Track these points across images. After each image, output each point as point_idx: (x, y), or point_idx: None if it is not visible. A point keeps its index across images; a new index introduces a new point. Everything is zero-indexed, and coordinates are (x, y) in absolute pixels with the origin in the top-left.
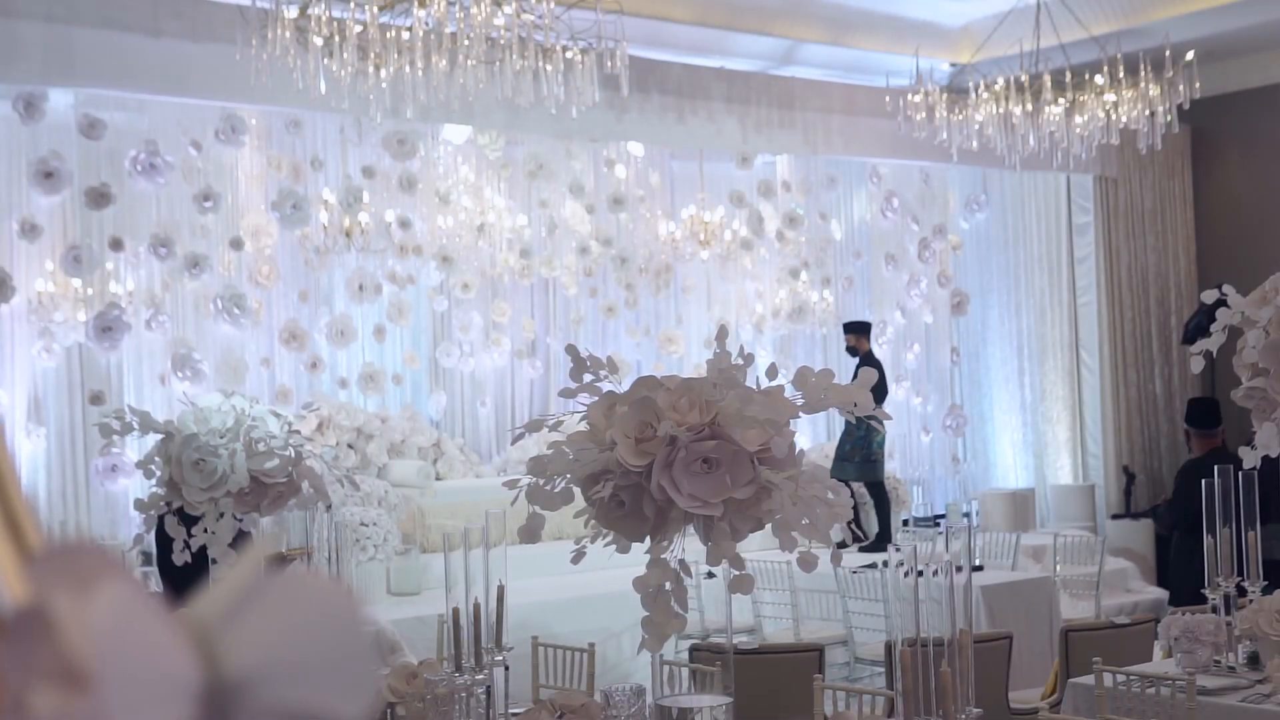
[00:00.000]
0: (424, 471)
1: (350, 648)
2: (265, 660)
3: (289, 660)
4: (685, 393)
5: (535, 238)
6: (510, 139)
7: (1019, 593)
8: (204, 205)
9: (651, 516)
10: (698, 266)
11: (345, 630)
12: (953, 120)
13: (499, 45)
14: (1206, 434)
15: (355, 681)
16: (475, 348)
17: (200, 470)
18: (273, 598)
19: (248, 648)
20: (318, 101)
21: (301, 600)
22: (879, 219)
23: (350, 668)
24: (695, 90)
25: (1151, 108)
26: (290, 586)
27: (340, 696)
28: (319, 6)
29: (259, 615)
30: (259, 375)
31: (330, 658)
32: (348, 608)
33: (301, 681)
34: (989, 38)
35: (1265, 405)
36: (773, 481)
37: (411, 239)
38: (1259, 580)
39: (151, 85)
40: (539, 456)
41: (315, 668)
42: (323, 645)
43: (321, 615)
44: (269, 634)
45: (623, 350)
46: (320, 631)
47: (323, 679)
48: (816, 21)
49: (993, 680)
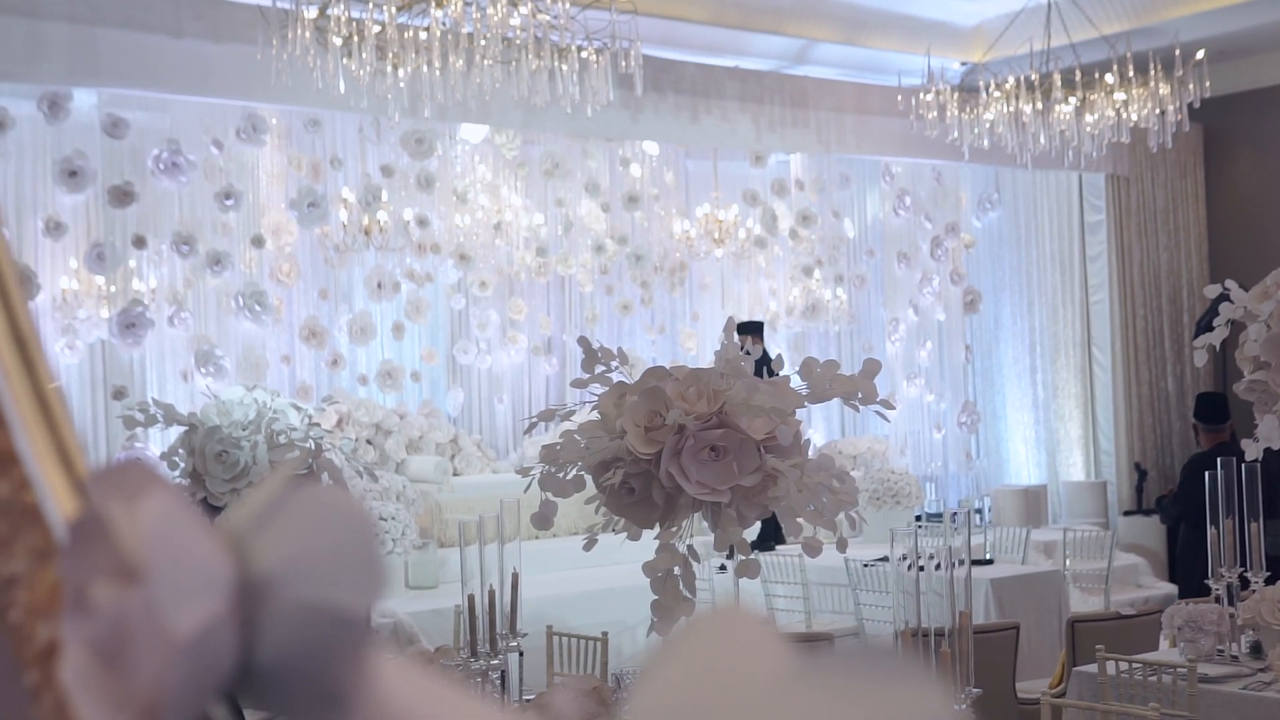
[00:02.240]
0: (441, 467)
1: (361, 551)
2: (288, 560)
3: (309, 560)
4: (693, 382)
5: (551, 236)
6: (527, 138)
7: (1028, 586)
8: (225, 203)
9: (661, 503)
10: (712, 264)
11: (356, 536)
12: (964, 119)
13: (515, 45)
14: (1214, 429)
15: (365, 579)
16: (492, 345)
17: (223, 462)
18: (294, 508)
19: (273, 550)
20: (337, 101)
21: (319, 510)
22: (892, 217)
23: (361, 567)
24: (709, 89)
25: (1162, 107)
26: (309, 499)
27: (352, 591)
28: (338, 7)
29: (283, 522)
30: (279, 371)
31: (344, 559)
32: (359, 517)
33: (319, 578)
34: (1000, 37)
35: (1266, 398)
36: (778, 469)
37: (429, 237)
38: (1261, 571)
39: (174, 85)
40: (551, 445)
41: (331, 567)
42: (337, 548)
43: (336, 523)
44: (291, 538)
45: (638, 347)
46: (335, 537)
47: (338, 576)
48: (830, 21)
49: (1000, 669)
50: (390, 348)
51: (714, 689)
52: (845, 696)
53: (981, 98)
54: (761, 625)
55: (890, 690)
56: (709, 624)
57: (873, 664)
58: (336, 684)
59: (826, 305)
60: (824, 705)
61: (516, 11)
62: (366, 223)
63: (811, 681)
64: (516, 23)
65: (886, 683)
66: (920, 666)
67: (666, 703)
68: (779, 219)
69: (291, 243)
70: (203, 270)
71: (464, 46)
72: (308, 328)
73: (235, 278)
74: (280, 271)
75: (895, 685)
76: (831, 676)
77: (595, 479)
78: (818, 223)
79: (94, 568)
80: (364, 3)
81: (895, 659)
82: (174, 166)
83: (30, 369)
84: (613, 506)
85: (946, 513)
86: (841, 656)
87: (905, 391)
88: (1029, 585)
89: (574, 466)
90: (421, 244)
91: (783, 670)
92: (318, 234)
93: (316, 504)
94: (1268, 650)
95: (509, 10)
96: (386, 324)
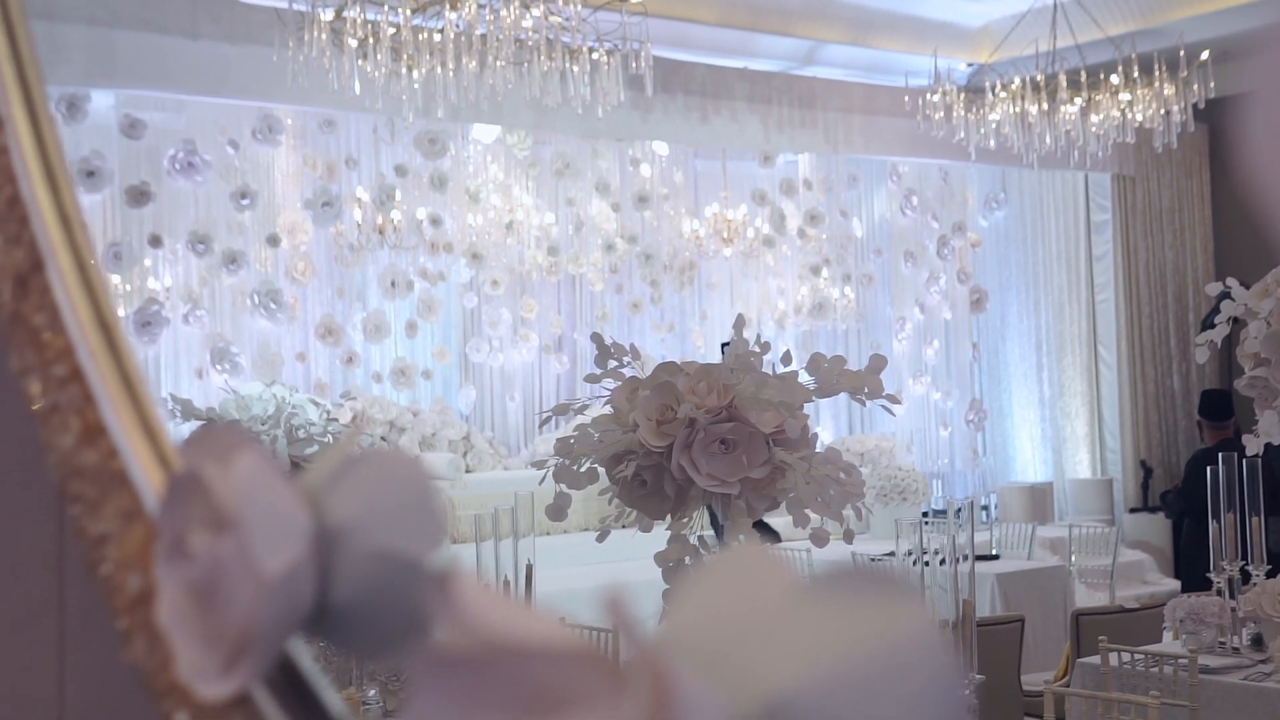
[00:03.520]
0: (454, 464)
1: (422, 504)
2: (359, 512)
3: (377, 513)
4: (704, 377)
5: (562, 235)
6: (538, 138)
7: (1034, 581)
8: (241, 203)
9: (672, 495)
10: (721, 263)
11: (418, 491)
12: (970, 119)
13: (527, 47)
14: (1218, 425)
15: (429, 530)
16: (504, 343)
17: None
18: (363, 466)
19: (346, 503)
20: (352, 102)
21: (385, 469)
22: (899, 217)
23: (423, 519)
24: (718, 90)
25: (1167, 107)
26: (377, 458)
27: (417, 540)
28: (354, 9)
29: (353, 480)
30: (294, 369)
31: (408, 511)
32: (420, 475)
33: (387, 529)
34: (1006, 38)
35: (1267, 394)
36: (787, 461)
37: (442, 236)
38: (1263, 564)
39: (190, 86)
40: (565, 438)
41: (397, 519)
42: (403, 502)
43: (400, 480)
44: (361, 494)
45: (647, 345)
46: (400, 492)
47: (403, 527)
48: (837, 22)
49: (1005, 661)
50: (403, 346)
51: (731, 611)
52: (843, 612)
53: (988, 98)
54: (769, 557)
55: (881, 605)
56: (725, 560)
57: (868, 584)
58: (401, 622)
59: (834, 304)
60: (824, 619)
61: (529, 14)
62: (380, 222)
63: (814, 600)
64: (529, 25)
65: (878, 599)
66: (910, 586)
67: (691, 623)
68: (787, 218)
69: (306, 242)
70: (218, 269)
71: (477, 48)
72: (323, 326)
73: (250, 276)
74: (295, 270)
75: (886, 601)
76: (831, 597)
77: (608, 471)
78: (825, 222)
79: (191, 519)
80: (379, 5)
81: (889, 579)
82: (190, 166)
83: (114, 351)
84: (625, 498)
85: (951, 506)
86: (841, 578)
87: (912, 389)
88: (1034, 580)
89: (587, 459)
90: (434, 243)
91: (789, 593)
92: (332, 233)
93: (383, 464)
94: (1268, 642)
95: (521, 12)
96: (400, 322)
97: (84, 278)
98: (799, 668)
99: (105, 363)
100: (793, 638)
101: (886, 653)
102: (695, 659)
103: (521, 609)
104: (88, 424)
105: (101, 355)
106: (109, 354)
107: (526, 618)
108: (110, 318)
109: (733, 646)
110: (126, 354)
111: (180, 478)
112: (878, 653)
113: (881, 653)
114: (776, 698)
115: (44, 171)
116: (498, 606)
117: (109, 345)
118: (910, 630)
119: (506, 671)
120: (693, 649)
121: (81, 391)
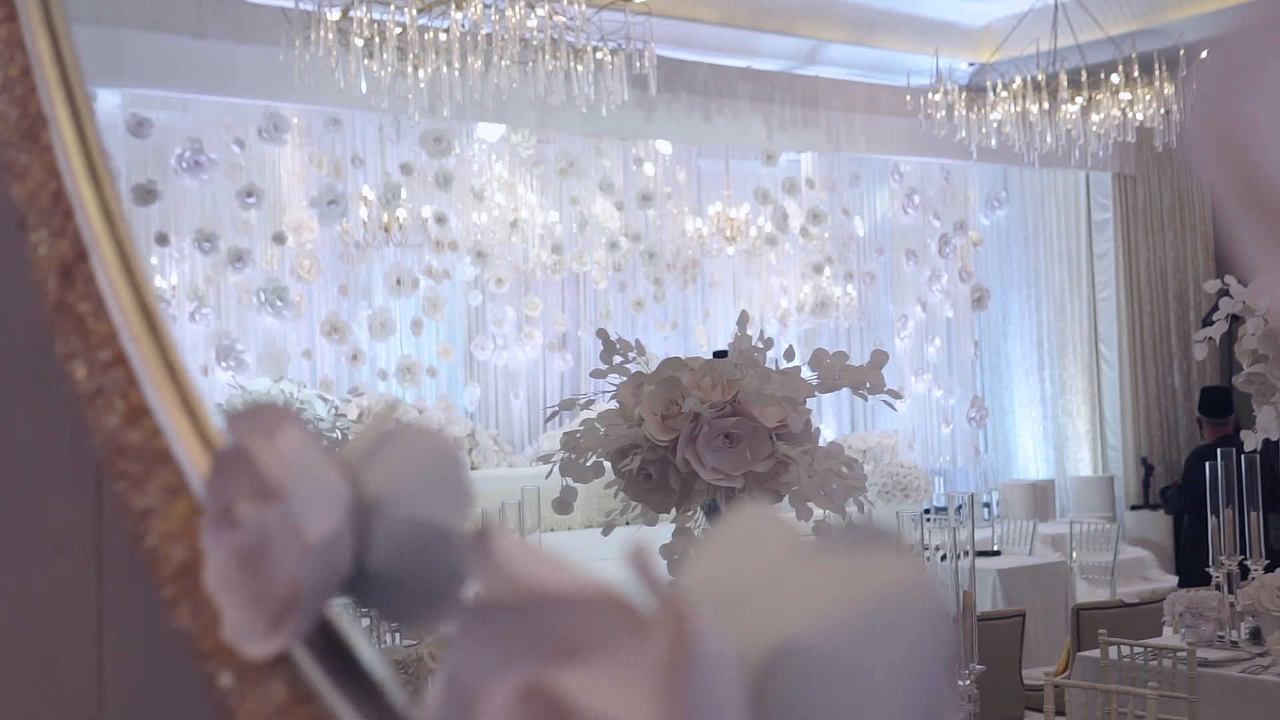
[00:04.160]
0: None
1: (452, 477)
2: (394, 484)
3: (411, 485)
4: (708, 372)
5: (566, 233)
6: (542, 137)
7: (1035, 577)
8: (247, 201)
9: (677, 488)
10: (724, 262)
11: (449, 465)
12: (972, 119)
13: (532, 46)
14: (1218, 422)
15: (458, 500)
16: (508, 341)
17: None
18: (398, 441)
19: (382, 475)
20: (358, 101)
21: (418, 444)
22: (901, 215)
23: (453, 491)
24: (721, 89)
25: (1167, 106)
26: (410, 433)
27: (448, 510)
28: (360, 9)
29: (388, 453)
30: (300, 366)
31: (440, 483)
32: (450, 450)
33: (420, 500)
34: (1007, 38)
35: (1265, 390)
36: (790, 456)
37: (447, 234)
38: (1261, 559)
39: (197, 85)
40: (572, 432)
41: (430, 490)
42: (435, 474)
43: (432, 455)
44: (396, 467)
45: (650, 343)
46: (431, 466)
47: (435, 498)
48: (840, 22)
49: (1006, 655)
50: (409, 343)
51: (741, 565)
52: (842, 564)
53: (989, 98)
54: (776, 518)
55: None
56: (735, 520)
57: (864, 539)
58: (432, 587)
59: (836, 302)
60: (825, 571)
61: (534, 13)
62: (386, 220)
63: (816, 555)
64: (534, 24)
65: (874, 552)
66: (902, 540)
67: (705, 577)
68: (790, 217)
69: (312, 239)
70: (224, 267)
71: (482, 48)
72: (329, 323)
73: (256, 274)
74: (301, 268)
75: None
76: (831, 551)
77: (614, 465)
78: (828, 221)
79: (238, 490)
80: (385, 5)
81: (883, 534)
82: (196, 165)
83: (156, 336)
84: (631, 492)
85: (952, 501)
86: (840, 534)
87: (914, 387)
88: (1036, 576)
89: (594, 453)
90: (439, 241)
91: (794, 549)
92: (338, 231)
93: (416, 439)
94: (1266, 635)
95: (526, 12)
96: (405, 320)
97: (126, 267)
98: (804, 615)
99: (148, 347)
100: (797, 588)
101: (882, 598)
102: (709, 608)
103: (554, 561)
104: (132, 405)
105: (144, 340)
106: (151, 339)
107: (559, 568)
108: (152, 305)
109: (743, 596)
110: (168, 339)
111: (228, 451)
112: (875, 599)
113: (878, 598)
114: (784, 642)
115: (87, 167)
116: (532, 558)
117: (151, 331)
118: (903, 578)
119: (540, 616)
120: (707, 599)
121: (125, 374)
